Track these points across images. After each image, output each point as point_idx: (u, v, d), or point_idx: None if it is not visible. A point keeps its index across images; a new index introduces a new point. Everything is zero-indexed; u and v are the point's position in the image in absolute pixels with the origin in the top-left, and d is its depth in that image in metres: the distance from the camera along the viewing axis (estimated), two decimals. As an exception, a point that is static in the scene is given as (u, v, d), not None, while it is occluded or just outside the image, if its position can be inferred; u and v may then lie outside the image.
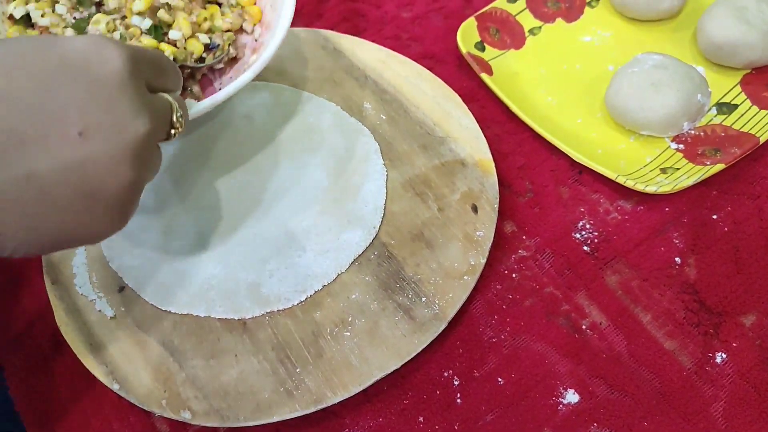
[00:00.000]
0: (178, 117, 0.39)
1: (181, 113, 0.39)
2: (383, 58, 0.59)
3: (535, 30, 0.63)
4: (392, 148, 0.54)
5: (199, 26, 0.52)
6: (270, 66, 0.58)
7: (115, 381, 0.45)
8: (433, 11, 0.66)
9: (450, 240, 0.49)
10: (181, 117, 0.39)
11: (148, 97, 0.36)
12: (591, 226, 0.52)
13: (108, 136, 0.33)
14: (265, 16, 0.54)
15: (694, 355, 0.46)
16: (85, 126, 0.32)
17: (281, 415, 0.43)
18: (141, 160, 0.35)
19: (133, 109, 0.34)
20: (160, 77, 0.39)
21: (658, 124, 0.53)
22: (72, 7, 0.50)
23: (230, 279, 0.48)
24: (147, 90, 0.37)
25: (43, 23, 0.50)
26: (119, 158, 0.34)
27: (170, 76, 0.40)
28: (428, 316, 0.46)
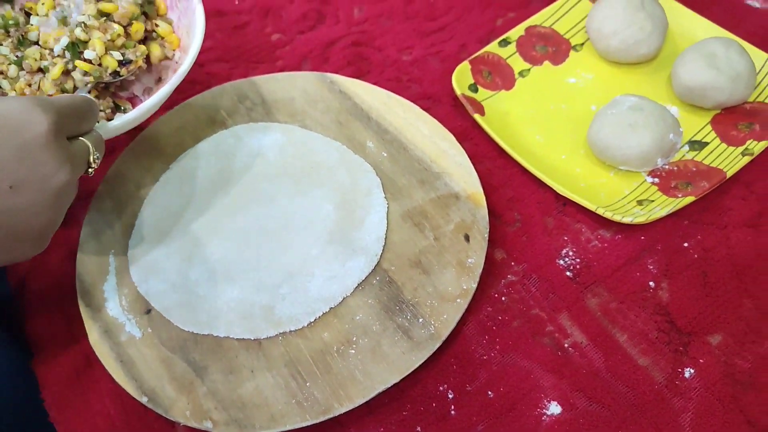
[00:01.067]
0: (95, 158, 0.47)
1: (97, 155, 0.47)
2: (385, 100, 0.64)
3: (524, 72, 0.69)
4: (393, 183, 0.59)
5: (114, 42, 0.56)
6: (282, 108, 0.64)
7: (143, 394, 0.50)
8: (431, 55, 0.72)
9: (445, 266, 0.54)
10: (97, 158, 0.47)
11: (68, 148, 0.43)
12: (573, 253, 0.57)
13: (34, 188, 0.40)
14: (182, 42, 0.62)
15: (665, 370, 0.50)
16: (15, 181, 0.39)
17: (293, 424, 0.48)
18: (61, 202, 0.43)
19: (55, 165, 0.41)
20: (81, 124, 0.46)
21: (634, 161, 0.59)
22: (14, 47, 0.58)
23: (246, 302, 0.53)
24: (67, 141, 0.44)
25: None
26: (43, 205, 0.41)
27: (89, 120, 0.48)
28: (425, 336, 0.51)
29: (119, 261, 0.57)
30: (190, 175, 0.61)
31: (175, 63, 0.62)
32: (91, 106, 0.48)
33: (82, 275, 0.56)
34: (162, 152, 0.63)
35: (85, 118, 0.47)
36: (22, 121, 0.40)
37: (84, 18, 0.55)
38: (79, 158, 0.45)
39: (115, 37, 0.56)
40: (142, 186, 0.61)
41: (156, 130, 0.64)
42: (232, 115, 0.65)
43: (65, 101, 0.45)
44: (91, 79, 0.55)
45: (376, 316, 0.52)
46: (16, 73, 0.57)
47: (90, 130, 0.48)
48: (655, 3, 0.66)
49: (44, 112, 0.41)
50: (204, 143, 0.63)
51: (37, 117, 0.41)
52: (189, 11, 0.62)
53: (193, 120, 0.65)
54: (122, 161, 0.63)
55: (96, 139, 0.48)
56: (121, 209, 0.60)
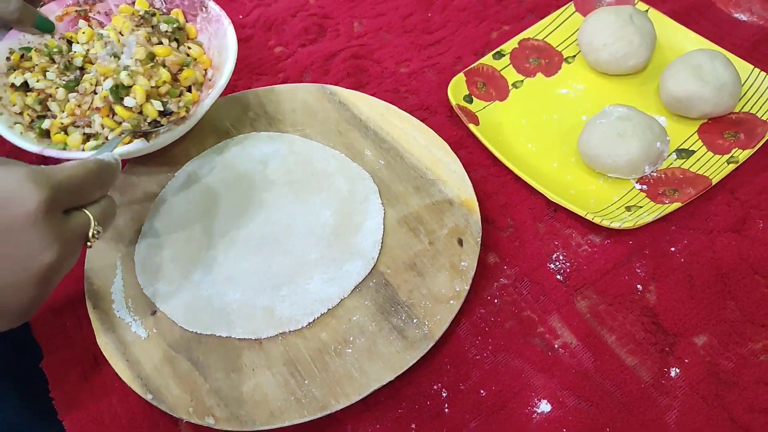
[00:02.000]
0: (95, 232, 0.44)
1: (98, 228, 0.44)
2: (382, 111, 0.66)
3: (517, 83, 0.71)
4: (389, 190, 0.61)
5: (158, 89, 0.56)
6: (284, 119, 0.67)
7: (148, 392, 0.52)
8: (428, 67, 0.74)
9: (439, 269, 0.56)
10: (98, 232, 0.44)
11: (60, 225, 0.41)
12: (564, 257, 0.59)
13: (16, 266, 0.39)
14: (213, 61, 0.66)
15: (652, 370, 0.52)
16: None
17: (292, 420, 0.50)
18: (46, 281, 0.40)
19: (41, 244, 0.39)
20: (86, 194, 0.44)
21: (623, 168, 0.61)
22: (60, 72, 0.61)
23: (248, 304, 0.55)
24: (63, 216, 0.41)
25: (39, 86, 0.61)
26: (23, 284, 0.39)
27: (100, 188, 0.45)
28: (419, 336, 0.53)
29: (126, 264, 0.59)
30: (195, 182, 0.63)
31: (208, 80, 0.65)
32: (105, 174, 0.46)
33: (91, 278, 0.58)
34: (168, 160, 0.65)
35: (94, 187, 0.45)
36: (11, 197, 0.38)
37: (131, 62, 0.55)
38: (74, 234, 0.42)
39: (161, 84, 0.55)
40: (149, 193, 0.63)
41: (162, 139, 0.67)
42: (236, 125, 0.67)
43: (69, 172, 0.42)
44: (128, 126, 0.54)
45: (372, 316, 0.54)
46: (65, 96, 0.60)
47: (98, 199, 0.46)
48: (644, 17, 0.69)
49: (37, 188, 0.39)
50: (209, 151, 0.66)
51: (28, 193, 0.38)
52: (220, 33, 0.65)
53: (197, 129, 0.67)
54: (131, 168, 0.65)
55: (102, 209, 0.45)
56: (128, 215, 0.62)
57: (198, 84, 0.64)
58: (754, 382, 0.51)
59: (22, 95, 0.61)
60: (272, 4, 0.82)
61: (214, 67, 0.66)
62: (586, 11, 0.74)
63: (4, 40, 0.64)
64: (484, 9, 0.79)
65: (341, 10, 0.81)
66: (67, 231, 0.41)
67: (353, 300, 0.55)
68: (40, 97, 0.61)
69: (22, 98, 0.61)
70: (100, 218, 0.44)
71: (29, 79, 0.61)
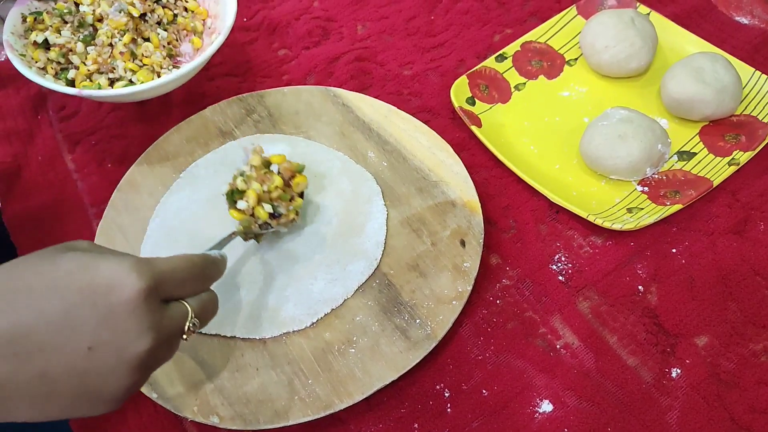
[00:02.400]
0: (191, 324, 0.44)
1: (195, 321, 0.44)
2: (386, 113, 0.67)
3: (520, 86, 0.72)
4: (392, 191, 0.62)
5: (270, 193, 0.57)
6: (288, 121, 0.67)
7: (153, 391, 0.52)
8: (431, 70, 0.75)
9: (441, 270, 0.56)
10: (195, 324, 0.44)
11: (157, 314, 0.41)
12: (566, 258, 0.59)
13: (112, 352, 0.39)
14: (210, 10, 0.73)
15: (653, 370, 0.53)
16: (94, 343, 0.38)
17: (295, 419, 0.50)
18: (142, 368, 0.41)
19: (137, 332, 0.39)
20: (187, 287, 0.44)
21: (624, 170, 0.61)
22: (74, 30, 0.66)
23: (253, 304, 0.56)
24: (162, 305, 0.42)
25: (60, 42, 0.66)
26: (119, 370, 0.39)
27: (201, 281, 0.46)
28: (421, 336, 0.53)
29: (131, 265, 0.60)
30: (199, 184, 0.64)
31: (209, 29, 0.73)
32: (209, 269, 0.47)
33: (97, 278, 0.59)
34: (173, 161, 0.66)
35: (195, 280, 0.45)
36: (113, 284, 0.39)
37: (246, 168, 0.57)
38: (171, 324, 0.43)
39: (273, 189, 0.56)
40: (154, 193, 0.64)
41: (168, 141, 0.67)
42: (240, 127, 0.68)
43: (174, 264, 0.43)
44: (240, 228, 0.56)
45: (375, 316, 0.55)
46: (84, 49, 0.66)
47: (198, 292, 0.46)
48: (646, 20, 0.69)
49: (140, 277, 0.40)
50: (213, 153, 0.66)
51: (130, 281, 0.39)
52: None
53: (203, 131, 0.68)
54: (136, 170, 0.66)
55: (202, 302, 0.45)
56: (133, 216, 0.63)
57: (198, 33, 0.72)
58: (755, 383, 0.51)
59: (44, 51, 0.66)
60: (276, 7, 0.83)
61: (212, 16, 0.72)
62: (588, 14, 0.75)
63: (14, 7, 0.68)
64: (486, 12, 0.80)
65: (345, 12, 0.82)
66: (164, 320, 0.42)
67: (356, 300, 0.56)
68: (62, 51, 0.65)
69: (44, 54, 0.66)
70: (198, 311, 0.45)
71: (49, 36, 0.66)
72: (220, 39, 0.65)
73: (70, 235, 0.65)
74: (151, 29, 0.69)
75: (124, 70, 0.66)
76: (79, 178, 0.69)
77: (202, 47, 0.71)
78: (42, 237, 0.66)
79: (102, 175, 0.69)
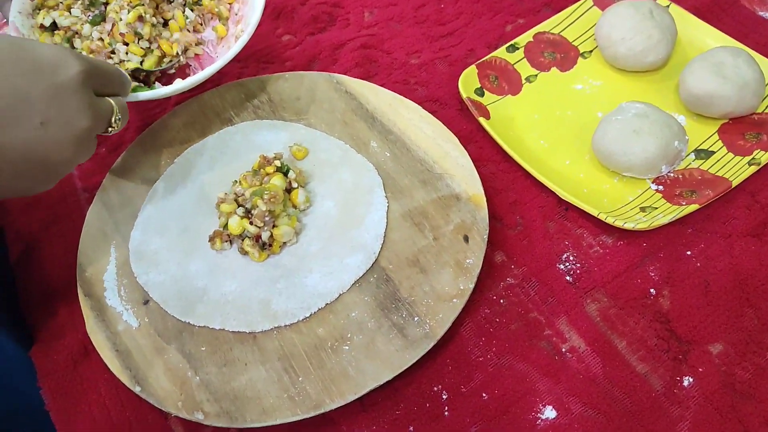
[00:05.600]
0: (116, 119, 0.50)
1: (119, 116, 0.50)
2: (390, 101, 0.64)
3: (531, 78, 0.69)
4: (394, 183, 0.59)
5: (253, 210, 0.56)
6: (288, 107, 0.65)
7: (137, 384, 0.50)
8: (439, 59, 0.72)
9: (443, 266, 0.54)
10: (119, 119, 0.50)
11: (93, 100, 0.47)
12: (574, 258, 0.57)
13: (61, 126, 0.44)
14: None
15: (664, 378, 0.50)
16: (45, 118, 0.44)
17: (284, 418, 0.47)
18: (79, 146, 0.46)
19: (80, 109, 0.45)
20: (108, 85, 0.50)
21: (639, 167, 0.58)
22: (85, 9, 0.63)
23: (244, 296, 0.53)
24: (94, 95, 0.47)
25: (66, 24, 0.63)
26: (64, 143, 0.45)
27: (118, 87, 0.52)
28: (420, 335, 0.50)
29: (120, 252, 0.57)
30: (194, 170, 0.61)
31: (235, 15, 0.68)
32: (122, 78, 0.52)
33: (84, 265, 0.57)
34: (169, 147, 0.64)
35: (113, 82, 0.51)
36: (57, 64, 0.44)
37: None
38: (102, 113, 0.48)
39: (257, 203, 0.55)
40: (147, 179, 0.62)
41: (164, 125, 0.65)
42: (239, 113, 0.66)
43: (96, 61, 0.49)
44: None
45: (371, 313, 0.52)
46: (90, 32, 0.62)
47: (119, 95, 0.52)
48: (665, 12, 0.66)
49: (78, 60, 0.45)
50: (210, 139, 0.64)
51: (71, 62, 0.45)
52: None
53: (200, 116, 0.65)
54: (129, 154, 0.63)
55: (121, 104, 0.51)
56: (125, 201, 0.60)
57: (223, 19, 0.68)
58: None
59: (50, 35, 0.64)
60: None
61: (239, 1, 0.68)
62: (604, 5, 0.72)
63: None
64: (498, 1, 0.77)
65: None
66: (97, 107, 0.47)
67: (352, 295, 0.53)
68: (67, 35, 0.63)
69: (50, 38, 0.64)
70: (120, 110, 0.50)
71: (57, 18, 0.63)
72: (249, 31, 0.62)
73: (61, 218, 0.64)
74: (175, 8, 0.65)
75: (126, 53, 0.62)
76: (73, 162, 0.67)
77: (226, 36, 0.67)
78: (30, 219, 0.64)
79: (96, 160, 0.67)
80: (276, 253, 0.55)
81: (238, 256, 0.56)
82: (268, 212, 0.54)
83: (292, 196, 0.57)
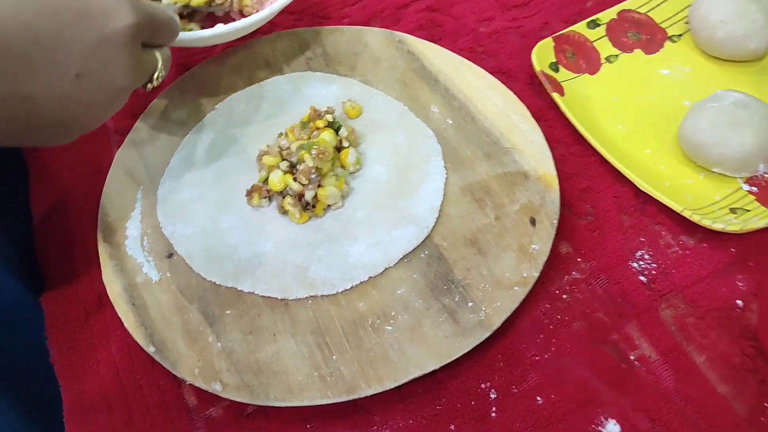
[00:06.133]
0: (159, 75, 0.45)
1: (162, 72, 0.46)
2: (456, 65, 0.58)
3: (611, 58, 0.62)
4: (455, 153, 0.53)
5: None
6: (344, 61, 0.59)
7: (151, 344, 0.45)
8: (511, 29, 0.66)
9: (504, 249, 0.47)
10: (161, 75, 0.46)
11: (139, 56, 0.42)
12: (650, 257, 0.50)
13: (97, 83, 0.39)
14: None
15: (749, 402, 0.43)
16: (83, 70, 0.38)
17: (311, 399, 0.42)
18: (111, 105, 0.42)
19: (123, 67, 0.40)
20: (158, 37, 0.45)
21: (731, 163, 0.52)
22: None
23: (279, 258, 0.48)
24: (141, 48, 0.42)
25: None
26: (96, 102, 0.40)
27: (165, 35, 0.46)
28: (473, 322, 0.44)
29: (148, 199, 0.52)
30: (237, 117, 0.56)
31: None
32: (172, 27, 0.47)
33: (107, 209, 0.52)
34: (211, 92, 0.58)
35: (163, 33, 0.46)
36: (110, 12, 0.39)
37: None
38: (145, 69, 0.44)
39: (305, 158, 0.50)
40: (184, 124, 0.56)
41: (207, 69, 0.60)
42: (290, 63, 0.60)
43: (151, 9, 0.43)
44: None
45: (420, 292, 0.46)
46: None
47: (166, 44, 0.47)
48: (772, -5, 0.59)
49: (133, 11, 0.40)
50: (256, 87, 0.58)
51: (124, 12, 0.39)
52: None
53: (248, 62, 0.60)
54: (167, 96, 0.58)
55: (165, 57, 0.47)
56: (158, 146, 0.55)
57: None
58: None
59: None
60: (345, -55, 0.75)
61: None
62: (700, -14, 0.65)
63: None
64: (580, -26, 0.70)
65: (421, -43, 0.73)
66: (142, 63, 0.43)
67: (400, 271, 0.47)
68: None
69: None
70: (164, 63, 0.46)
71: None
72: None
73: (87, 158, 0.59)
74: None
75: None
76: (107, 102, 0.62)
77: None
78: (56, 157, 0.59)
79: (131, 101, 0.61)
80: (318, 215, 0.50)
81: (277, 215, 0.50)
82: (315, 169, 0.48)
83: (342, 155, 0.51)
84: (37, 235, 0.55)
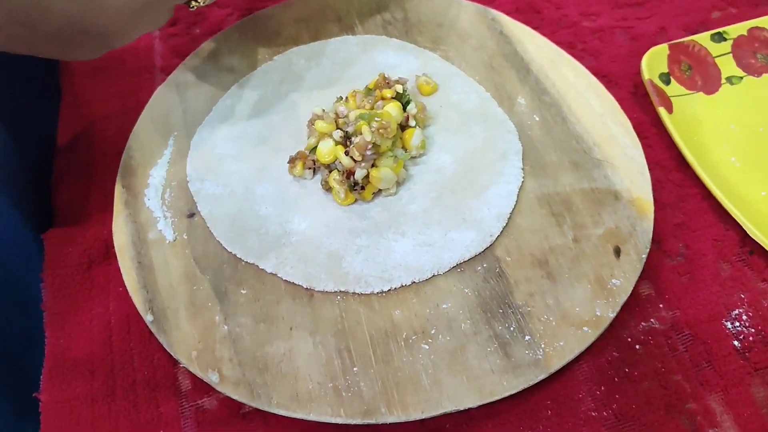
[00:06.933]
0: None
1: None
2: (553, 57, 0.50)
3: (734, 79, 0.54)
4: (537, 155, 0.45)
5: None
6: (425, 32, 0.52)
7: (150, 311, 0.39)
8: (620, 29, 0.58)
9: (578, 278, 0.40)
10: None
11: None
12: (749, 318, 0.42)
13: None
14: None
15: None
16: None
17: (319, 414, 0.35)
18: (141, 16, 0.37)
19: None
20: None
21: None
22: None
23: (312, 242, 0.41)
24: None
25: None
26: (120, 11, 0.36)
27: None
28: (527, 360, 0.37)
29: (179, 147, 0.46)
30: (294, 74, 0.50)
31: None
32: None
33: (132, 149, 0.46)
34: (271, 41, 0.52)
35: None
36: None
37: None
38: None
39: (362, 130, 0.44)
40: (235, 71, 0.50)
41: (272, 15, 0.53)
42: (364, 23, 0.53)
43: None
44: None
45: (469, 311, 0.38)
46: None
47: None
48: None
49: None
50: (322, 43, 0.52)
51: None
52: None
53: (317, 15, 0.53)
54: (223, 38, 0.52)
55: None
56: (202, 91, 0.49)
57: None
58: None
59: None
60: None
61: None
62: None
63: None
64: (709, -20, 0.61)
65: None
66: None
67: (450, 281, 0.40)
68: None
69: None
70: None
71: None
72: None
73: (128, 91, 0.54)
74: None
75: None
76: (159, 38, 0.57)
77: None
78: (94, 87, 0.54)
79: (185, 40, 0.57)
80: (366, 200, 0.43)
81: (319, 191, 0.43)
82: (372, 145, 0.41)
83: (406, 135, 0.44)
84: (55, 166, 0.50)
